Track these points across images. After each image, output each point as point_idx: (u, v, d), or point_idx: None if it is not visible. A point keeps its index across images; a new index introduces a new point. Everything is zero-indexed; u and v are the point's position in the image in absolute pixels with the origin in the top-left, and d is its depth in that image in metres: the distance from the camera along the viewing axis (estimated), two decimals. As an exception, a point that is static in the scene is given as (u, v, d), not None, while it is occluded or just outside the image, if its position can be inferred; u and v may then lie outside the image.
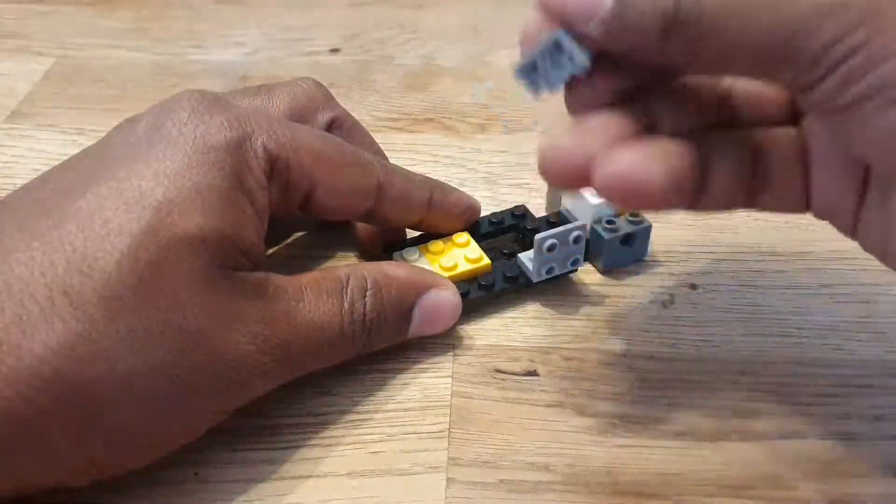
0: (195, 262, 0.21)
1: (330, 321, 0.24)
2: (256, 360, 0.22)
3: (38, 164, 0.37)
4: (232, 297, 0.22)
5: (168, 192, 0.21)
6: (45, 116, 0.41)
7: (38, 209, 0.21)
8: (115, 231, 0.21)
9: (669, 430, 0.25)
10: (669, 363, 0.27)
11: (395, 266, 0.26)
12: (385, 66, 0.45)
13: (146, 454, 0.22)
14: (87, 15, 0.50)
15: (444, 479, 0.24)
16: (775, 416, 0.26)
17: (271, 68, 0.45)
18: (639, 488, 0.24)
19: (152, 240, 0.21)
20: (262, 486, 0.24)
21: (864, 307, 0.29)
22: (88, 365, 0.19)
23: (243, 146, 0.23)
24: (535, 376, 0.27)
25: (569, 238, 0.28)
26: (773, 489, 0.24)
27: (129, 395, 0.20)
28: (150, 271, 0.20)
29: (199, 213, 0.22)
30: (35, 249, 0.20)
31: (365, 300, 0.25)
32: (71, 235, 0.20)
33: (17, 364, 0.19)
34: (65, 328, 0.19)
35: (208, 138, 0.23)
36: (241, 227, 0.23)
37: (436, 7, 0.51)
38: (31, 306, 0.19)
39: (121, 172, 0.22)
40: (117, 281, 0.20)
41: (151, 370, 0.20)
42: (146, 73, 0.44)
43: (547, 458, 0.24)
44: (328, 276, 0.25)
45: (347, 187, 0.26)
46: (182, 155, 0.22)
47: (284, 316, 0.23)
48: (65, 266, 0.20)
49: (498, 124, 0.40)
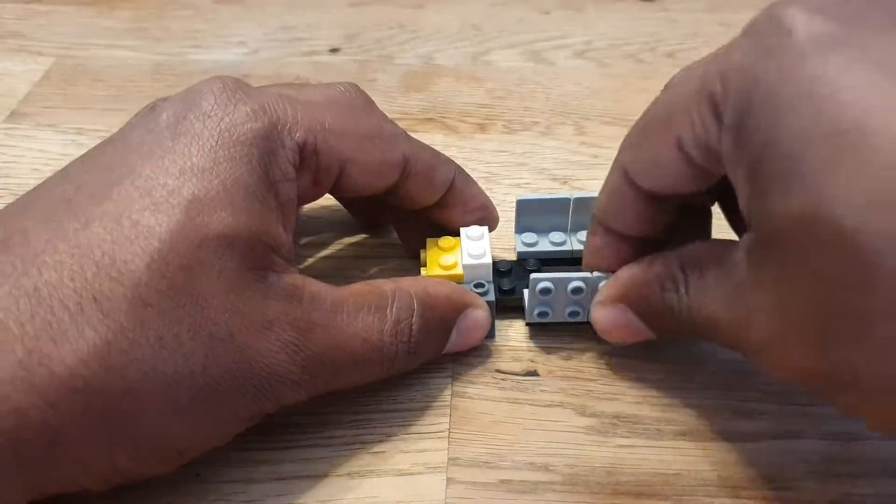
0: (226, 263, 0.21)
1: (369, 337, 0.23)
2: (286, 370, 0.22)
3: (37, 163, 0.37)
4: (265, 302, 0.21)
5: (196, 189, 0.21)
6: (44, 116, 0.41)
7: (64, 209, 0.21)
8: (144, 233, 0.20)
9: (669, 430, 0.25)
10: (669, 363, 0.27)
11: (436, 284, 0.26)
12: (385, 66, 0.45)
13: (172, 461, 0.21)
14: (87, 15, 0.50)
15: (444, 479, 0.24)
16: (775, 416, 0.26)
17: (271, 68, 0.45)
18: (639, 488, 0.24)
19: (182, 242, 0.20)
20: (262, 486, 0.24)
21: (864, 307, 0.29)
22: (119, 375, 0.19)
23: (270, 137, 0.23)
24: (535, 376, 0.27)
25: (567, 286, 0.26)
26: (773, 489, 0.24)
27: (159, 404, 0.20)
28: (181, 275, 0.20)
29: (228, 212, 0.21)
30: (63, 253, 0.20)
31: (412, 320, 0.24)
32: (99, 238, 0.20)
33: (47, 374, 0.19)
34: (95, 336, 0.19)
35: (233, 130, 0.22)
36: (270, 223, 0.22)
37: (436, 7, 0.51)
38: (60, 313, 0.19)
39: (146, 170, 0.21)
40: (147, 286, 0.20)
41: (182, 378, 0.20)
42: (146, 72, 0.44)
43: (547, 458, 0.25)
44: (373, 290, 0.24)
45: (375, 162, 0.26)
46: (208, 149, 0.22)
47: (320, 326, 0.22)
48: (94, 271, 0.20)
49: (498, 124, 0.40)
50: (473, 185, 0.29)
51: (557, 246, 0.30)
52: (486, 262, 0.27)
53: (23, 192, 0.23)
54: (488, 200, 0.30)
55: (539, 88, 0.43)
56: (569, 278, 0.26)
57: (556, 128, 0.40)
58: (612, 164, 0.25)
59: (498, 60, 0.45)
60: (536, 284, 0.26)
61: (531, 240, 0.30)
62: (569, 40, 0.47)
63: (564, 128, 0.40)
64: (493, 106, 0.41)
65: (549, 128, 0.40)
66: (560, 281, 0.26)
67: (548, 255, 0.30)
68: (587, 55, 0.46)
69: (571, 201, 0.29)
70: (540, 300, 0.27)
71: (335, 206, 0.33)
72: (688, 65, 0.23)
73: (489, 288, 0.28)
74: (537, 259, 0.29)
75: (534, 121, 0.40)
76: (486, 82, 0.43)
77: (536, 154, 0.38)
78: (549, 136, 0.39)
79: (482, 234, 0.28)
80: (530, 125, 0.40)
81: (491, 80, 0.44)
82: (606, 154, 0.38)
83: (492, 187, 0.35)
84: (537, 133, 0.39)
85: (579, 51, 0.46)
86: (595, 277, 0.26)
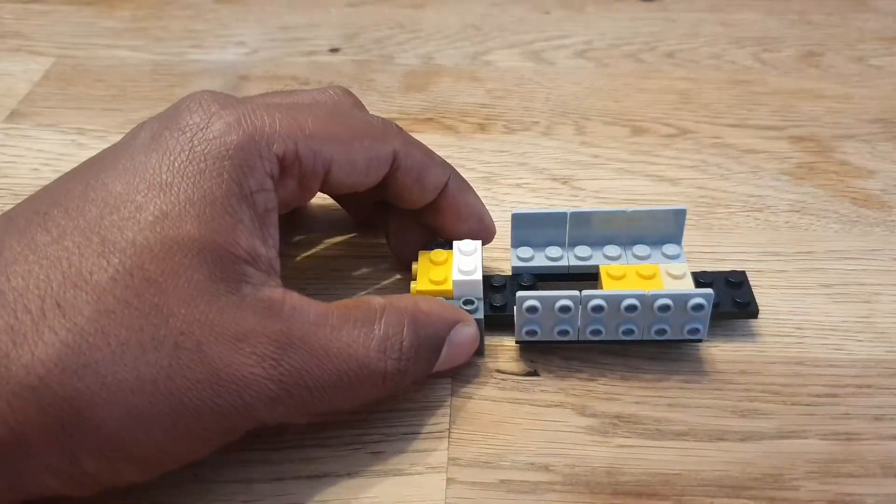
0: (193, 275, 0.21)
1: (354, 353, 0.23)
2: (261, 384, 0.21)
3: (37, 163, 0.37)
4: (238, 314, 0.21)
5: (164, 204, 0.21)
6: (44, 116, 0.41)
7: (39, 222, 0.21)
8: (110, 248, 0.21)
9: (669, 430, 0.25)
10: (670, 363, 0.27)
11: (426, 300, 0.25)
12: (385, 66, 0.45)
13: (146, 470, 0.21)
14: (86, 15, 0.50)
15: (444, 479, 0.24)
16: (775, 416, 0.26)
17: (271, 68, 0.45)
18: (639, 488, 0.24)
19: (147, 254, 0.21)
20: (262, 486, 0.24)
21: (864, 307, 0.29)
22: (76, 377, 0.19)
23: (245, 148, 0.23)
24: (535, 376, 0.27)
25: (554, 305, 0.26)
26: (773, 489, 0.24)
27: (119, 410, 0.20)
28: (146, 286, 0.20)
29: (194, 225, 0.21)
30: (32, 263, 0.20)
31: (402, 336, 0.24)
32: (68, 252, 0.21)
33: (5, 373, 0.19)
34: (54, 338, 0.19)
35: (206, 145, 0.22)
36: (241, 235, 0.22)
37: (436, 7, 0.51)
38: (23, 316, 0.19)
39: (118, 187, 0.22)
40: (111, 295, 0.20)
41: (144, 385, 0.20)
42: (146, 72, 0.44)
43: (547, 458, 0.25)
44: (359, 303, 0.24)
45: (363, 161, 0.25)
46: (178, 165, 0.22)
47: (299, 339, 0.22)
48: (60, 280, 0.20)
49: (498, 124, 0.40)
50: (470, 193, 0.29)
51: (554, 261, 0.29)
52: (477, 279, 0.27)
53: (23, 192, 0.24)
54: (485, 212, 0.29)
55: (539, 88, 0.43)
56: (556, 297, 0.26)
57: (556, 128, 0.40)
58: None
59: (498, 60, 0.45)
60: (523, 302, 0.26)
61: (527, 254, 0.29)
62: (569, 40, 0.47)
63: (564, 128, 0.40)
64: (493, 106, 0.41)
65: (549, 128, 0.40)
66: (547, 299, 0.26)
67: (543, 271, 0.29)
68: (587, 55, 0.46)
69: (568, 216, 0.28)
70: (527, 318, 0.26)
71: (330, 204, 0.33)
72: None
73: (479, 305, 0.27)
74: (532, 275, 0.29)
75: (534, 121, 0.40)
76: (486, 82, 0.43)
77: (536, 154, 0.38)
78: (549, 136, 0.39)
79: (475, 249, 0.28)
80: (530, 125, 0.40)
81: (491, 79, 0.44)
82: (606, 154, 0.38)
83: (491, 187, 0.35)
84: (537, 133, 0.39)
85: (579, 51, 0.46)
86: (584, 296, 0.25)
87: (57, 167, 0.37)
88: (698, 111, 0.41)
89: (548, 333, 0.27)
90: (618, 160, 0.37)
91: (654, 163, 0.37)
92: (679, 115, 0.40)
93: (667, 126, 0.40)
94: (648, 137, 0.39)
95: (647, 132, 0.39)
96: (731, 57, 0.45)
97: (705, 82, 0.43)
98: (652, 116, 0.40)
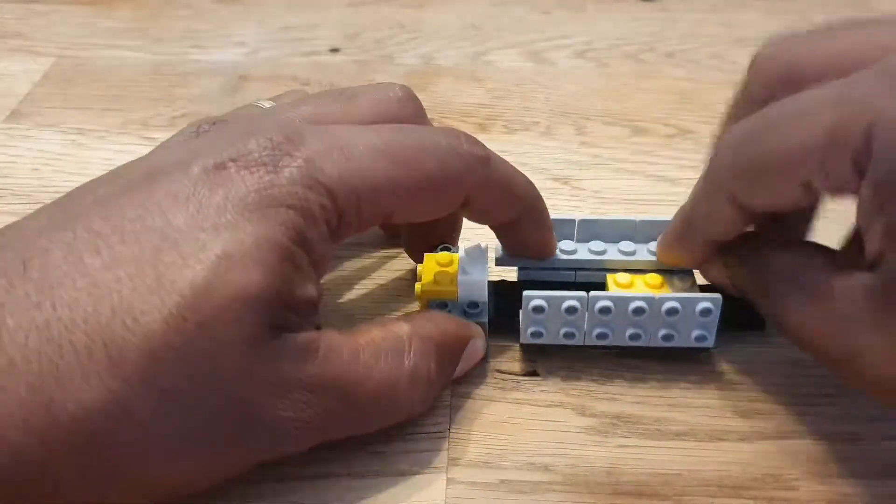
0: (246, 324, 0.20)
1: (387, 389, 0.23)
2: (294, 428, 0.21)
3: (37, 163, 0.37)
4: (279, 362, 0.21)
5: (227, 246, 0.20)
6: (44, 116, 0.41)
7: (89, 241, 0.20)
8: (166, 286, 0.20)
9: (669, 430, 0.25)
10: (670, 364, 0.27)
11: (444, 319, 0.25)
12: (385, 66, 0.45)
13: (161, 497, 0.21)
14: (86, 15, 0.50)
15: (444, 479, 0.24)
16: (775, 416, 0.26)
17: (271, 68, 0.45)
18: (639, 488, 0.24)
19: (205, 299, 0.20)
20: (263, 486, 0.24)
21: (864, 307, 0.29)
22: (120, 425, 0.19)
23: (309, 199, 0.22)
24: (535, 376, 0.27)
25: (561, 305, 0.25)
26: (773, 489, 0.24)
27: (158, 456, 0.20)
28: (198, 332, 0.20)
29: (257, 270, 0.20)
30: (80, 290, 0.19)
31: (430, 365, 0.24)
32: (120, 283, 0.19)
33: (48, 417, 0.18)
34: (100, 384, 0.19)
35: (274, 191, 0.21)
36: (297, 284, 0.22)
37: (436, 7, 0.51)
38: (69, 355, 0.19)
39: (179, 219, 0.21)
40: (161, 340, 0.19)
41: (184, 432, 0.20)
42: (146, 72, 0.44)
43: (547, 458, 0.24)
44: (387, 335, 0.24)
45: (425, 212, 0.25)
46: (245, 206, 0.21)
47: (332, 382, 0.22)
48: (108, 316, 0.19)
49: (498, 124, 0.40)
50: (541, 229, 0.27)
51: (567, 255, 0.28)
52: (482, 282, 0.27)
53: (23, 192, 0.23)
54: (549, 248, 0.28)
55: (539, 88, 0.43)
56: (563, 297, 0.25)
57: (556, 128, 0.40)
58: (704, 186, 0.24)
59: (498, 60, 0.45)
60: (529, 302, 0.26)
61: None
62: (569, 40, 0.47)
63: (564, 128, 0.40)
64: (493, 106, 0.41)
65: (549, 128, 0.40)
66: (554, 299, 0.26)
67: (549, 278, 0.28)
68: (587, 55, 0.46)
69: (577, 223, 0.28)
70: (533, 318, 0.26)
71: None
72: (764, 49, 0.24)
73: (483, 308, 0.27)
74: (538, 282, 0.28)
75: (534, 121, 0.40)
76: (486, 82, 0.43)
77: (536, 154, 0.38)
78: (549, 136, 0.39)
79: (482, 254, 0.27)
80: (530, 125, 0.40)
81: (491, 80, 0.44)
82: (606, 154, 0.38)
83: (492, 187, 0.35)
84: (537, 133, 0.39)
85: (579, 51, 0.46)
86: (592, 297, 0.25)
87: (57, 167, 0.37)
88: (698, 111, 0.41)
89: (553, 336, 0.26)
90: (618, 160, 0.37)
91: (654, 163, 0.37)
92: (679, 116, 0.40)
93: (667, 126, 0.40)
94: (648, 138, 0.39)
95: (648, 132, 0.39)
96: (732, 57, 0.45)
97: (706, 82, 0.43)
98: (652, 117, 0.40)
